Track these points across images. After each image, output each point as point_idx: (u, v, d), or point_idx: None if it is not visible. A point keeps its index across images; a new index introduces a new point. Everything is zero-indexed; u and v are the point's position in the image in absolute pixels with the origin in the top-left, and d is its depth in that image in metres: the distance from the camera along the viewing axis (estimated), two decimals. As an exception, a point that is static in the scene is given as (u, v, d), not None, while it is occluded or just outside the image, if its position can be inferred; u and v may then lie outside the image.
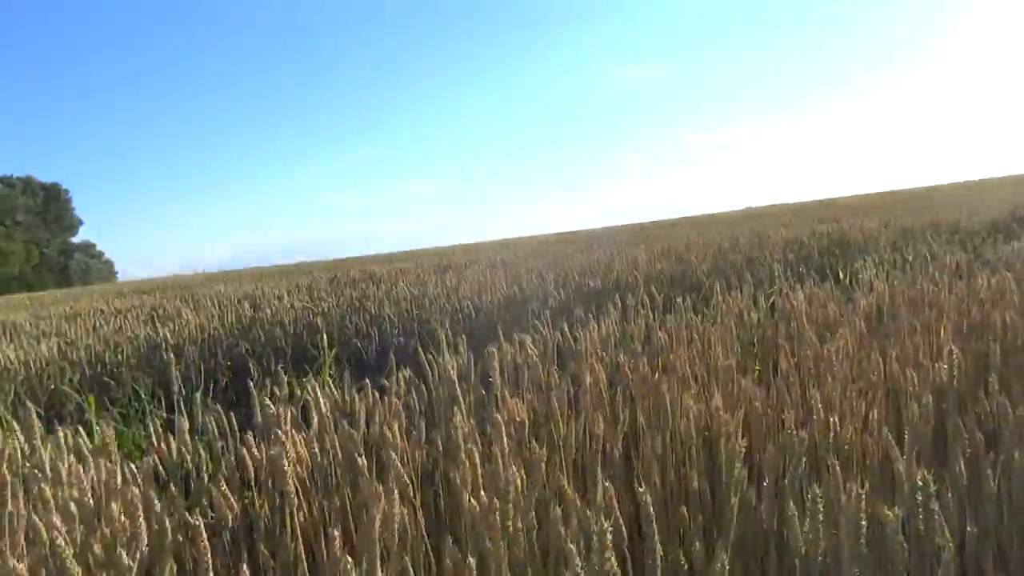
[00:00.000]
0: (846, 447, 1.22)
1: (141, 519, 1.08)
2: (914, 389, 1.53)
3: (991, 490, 1.22)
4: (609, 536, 0.68)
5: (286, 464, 0.98)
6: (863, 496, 0.84)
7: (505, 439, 1.23)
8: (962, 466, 1.18)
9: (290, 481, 0.98)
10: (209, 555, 0.87)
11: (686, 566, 0.93)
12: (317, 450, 1.44)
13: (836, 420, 1.21)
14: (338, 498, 1.28)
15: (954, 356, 1.26)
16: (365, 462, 1.36)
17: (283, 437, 1.15)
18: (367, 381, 1.82)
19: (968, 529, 1.06)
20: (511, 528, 0.87)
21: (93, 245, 48.00)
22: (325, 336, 3.32)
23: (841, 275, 3.98)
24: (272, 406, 1.26)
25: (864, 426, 1.41)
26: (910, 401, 1.53)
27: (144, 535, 1.09)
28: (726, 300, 2.31)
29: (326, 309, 4.46)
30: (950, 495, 1.06)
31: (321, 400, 1.43)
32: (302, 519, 1.20)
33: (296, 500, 1.00)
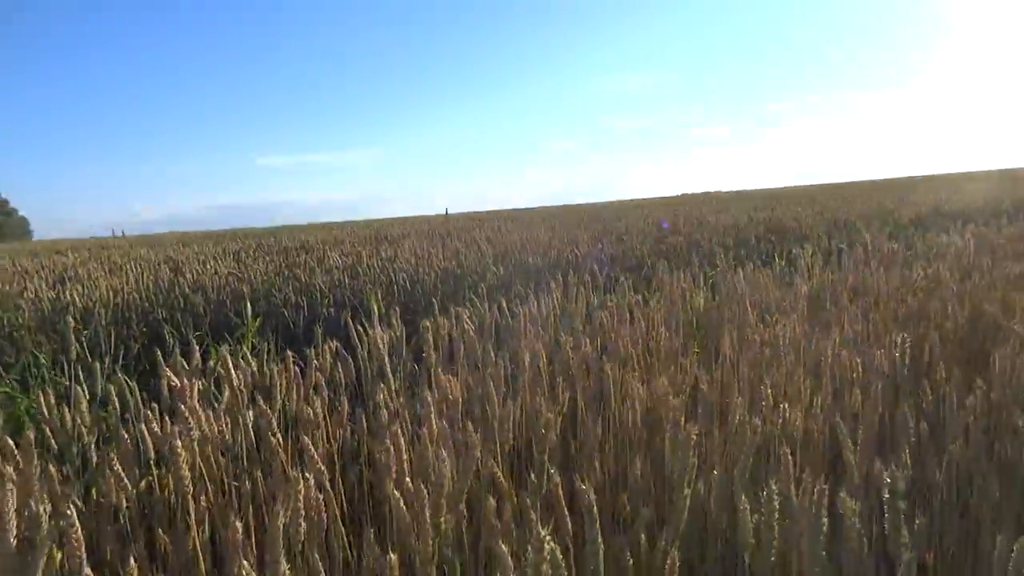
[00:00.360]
0: (794, 435, 1.17)
1: (11, 502, 0.94)
2: (857, 376, 1.50)
3: (935, 481, 1.20)
4: (548, 541, 0.59)
5: (180, 443, 0.85)
6: (826, 491, 0.78)
7: (435, 420, 1.13)
8: (907, 457, 1.15)
9: (184, 464, 0.85)
10: (82, 549, 0.74)
11: (631, 562, 0.85)
12: (228, 427, 1.31)
13: (787, 407, 1.15)
14: (249, 481, 1.16)
15: (906, 343, 1.22)
16: (280, 440, 1.24)
17: (185, 413, 1.02)
18: (289, 353, 1.69)
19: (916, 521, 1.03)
20: (441, 524, 0.77)
21: (6, 202, 45.35)
22: (249, 304, 3.13)
23: (777, 260, 4.01)
24: (174, 378, 1.12)
25: (807, 413, 1.37)
26: (854, 388, 1.50)
27: (13, 521, 0.94)
28: (670, 281, 2.26)
29: (253, 276, 4.23)
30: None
31: (233, 372, 1.29)
32: (206, 504, 1.07)
33: (191, 486, 0.87)
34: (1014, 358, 1.37)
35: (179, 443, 0.84)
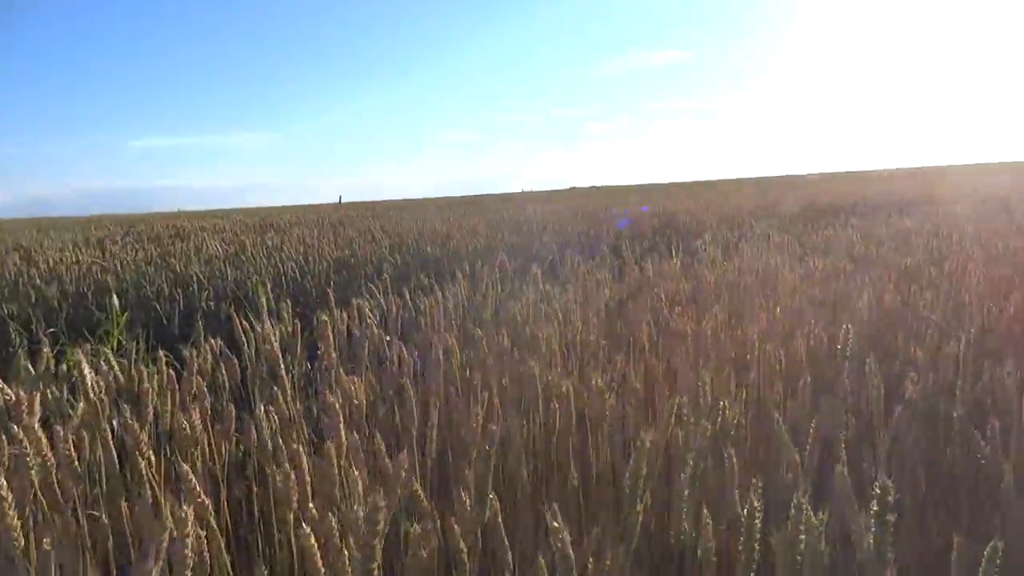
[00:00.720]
0: (732, 433, 1.10)
1: None
2: (781, 368, 1.46)
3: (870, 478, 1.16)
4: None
5: (4, 483, 0.65)
6: (804, 504, 0.69)
7: (343, 429, 0.97)
8: (844, 457, 1.10)
9: (10, 511, 0.65)
10: None
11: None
12: (84, 446, 1.08)
13: (727, 404, 1.08)
14: (108, 513, 0.95)
15: (850, 333, 1.18)
16: (152, 459, 1.04)
17: (19, 432, 0.81)
18: (162, 353, 1.46)
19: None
20: (373, 571, 0.63)
21: None
22: (116, 297, 2.79)
23: (673, 253, 4.06)
24: (7, 388, 0.90)
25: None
26: (777, 381, 1.46)
27: None
28: (584, 271, 2.17)
29: (120, 266, 3.82)
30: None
31: (91, 376, 1.07)
32: (49, 546, 0.86)
33: (19, 534, 0.67)
34: (935, 351, 1.37)
35: (3, 482, 0.63)
